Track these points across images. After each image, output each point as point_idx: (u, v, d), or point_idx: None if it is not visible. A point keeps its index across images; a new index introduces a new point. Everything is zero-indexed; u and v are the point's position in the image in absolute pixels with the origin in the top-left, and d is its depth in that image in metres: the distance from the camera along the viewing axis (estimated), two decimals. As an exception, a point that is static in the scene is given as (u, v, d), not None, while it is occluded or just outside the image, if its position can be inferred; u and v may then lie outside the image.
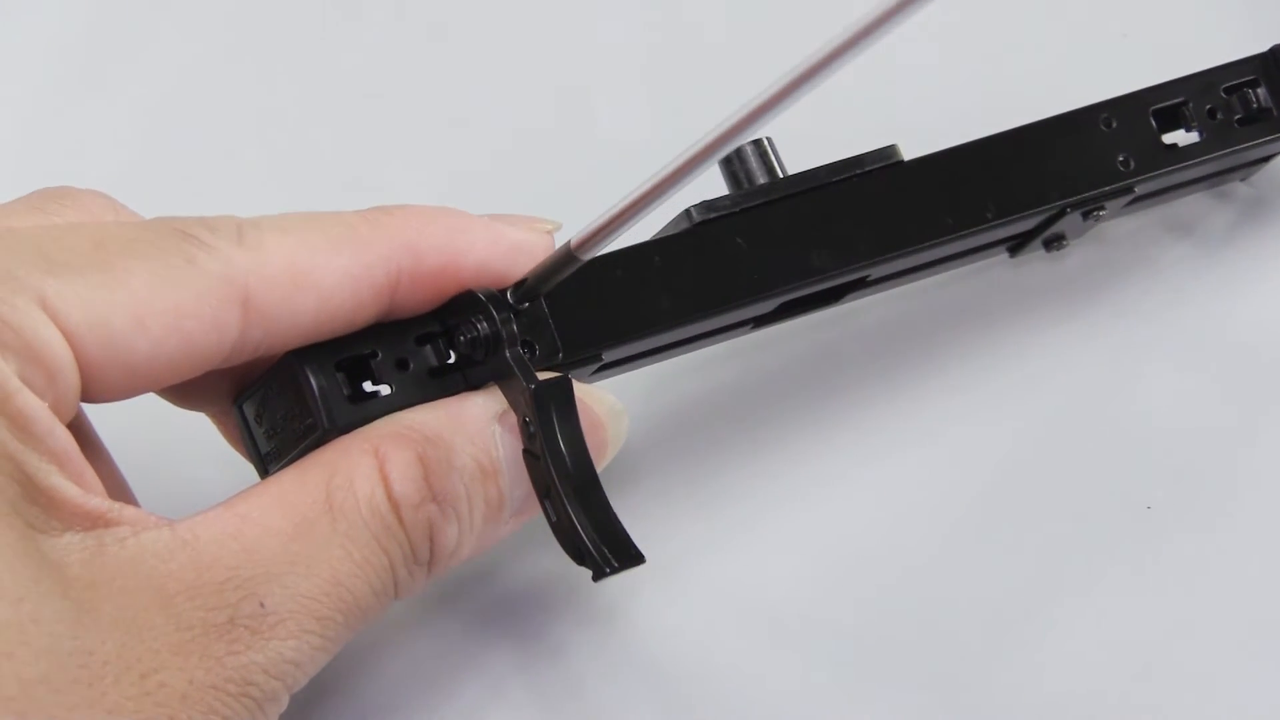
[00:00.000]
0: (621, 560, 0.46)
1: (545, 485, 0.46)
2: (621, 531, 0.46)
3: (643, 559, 0.46)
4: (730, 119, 0.41)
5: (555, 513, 0.46)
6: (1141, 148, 0.56)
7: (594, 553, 0.46)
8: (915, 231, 0.53)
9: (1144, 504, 0.55)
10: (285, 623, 0.44)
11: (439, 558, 0.47)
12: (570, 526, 0.46)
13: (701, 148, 0.42)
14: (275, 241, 0.46)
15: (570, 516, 0.46)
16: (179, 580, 0.43)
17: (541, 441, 0.46)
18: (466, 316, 0.48)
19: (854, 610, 0.54)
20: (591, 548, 0.46)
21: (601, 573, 0.46)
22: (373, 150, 0.63)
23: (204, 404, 0.50)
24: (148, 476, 0.50)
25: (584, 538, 0.46)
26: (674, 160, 0.42)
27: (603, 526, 0.46)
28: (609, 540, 0.46)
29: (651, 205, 0.43)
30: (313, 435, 0.47)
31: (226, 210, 0.47)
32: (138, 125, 0.64)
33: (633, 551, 0.46)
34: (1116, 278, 0.60)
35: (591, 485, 0.46)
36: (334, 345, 0.47)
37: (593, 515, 0.46)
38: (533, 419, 0.46)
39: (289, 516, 0.45)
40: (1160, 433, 0.57)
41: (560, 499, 0.46)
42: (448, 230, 0.48)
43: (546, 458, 0.46)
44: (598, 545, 0.46)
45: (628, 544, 0.46)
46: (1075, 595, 0.54)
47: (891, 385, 0.58)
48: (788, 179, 0.53)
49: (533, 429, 0.46)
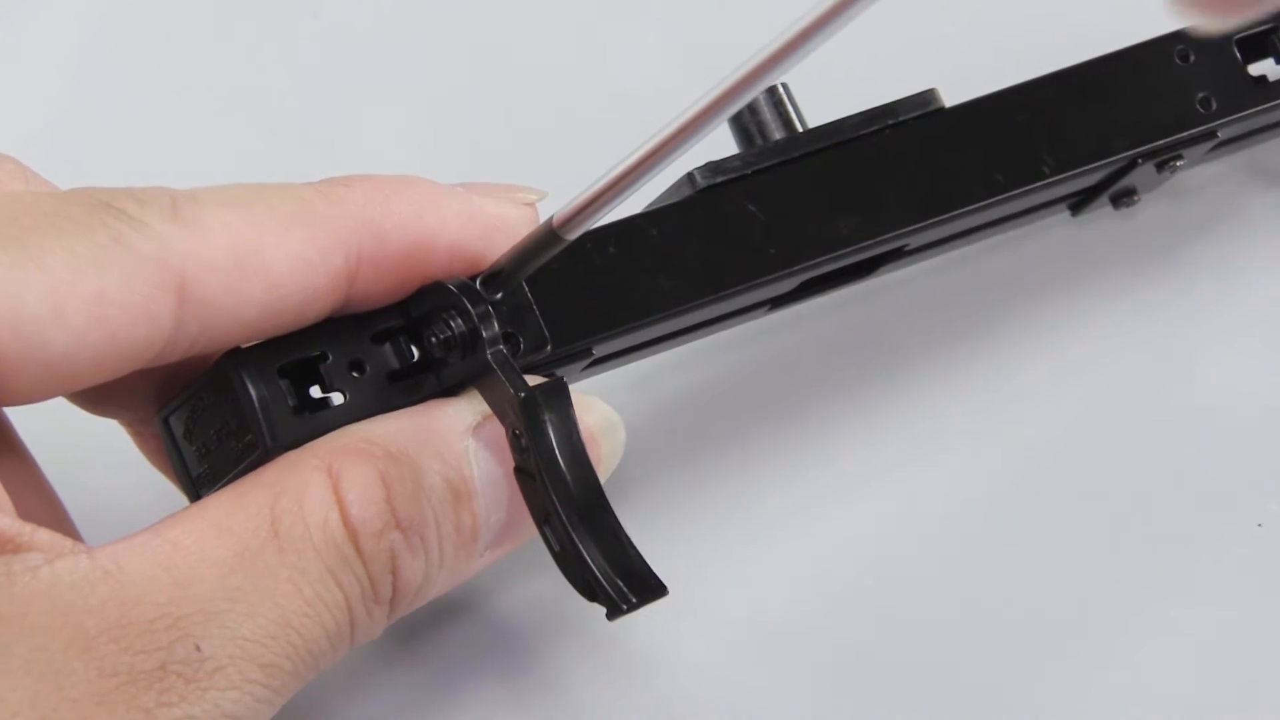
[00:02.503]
0: (640, 594, 0.44)
1: (544, 510, 0.45)
2: (638, 559, 0.44)
3: (665, 591, 0.44)
4: (742, 67, 0.38)
5: (558, 541, 0.45)
6: (1224, 84, 0.54)
7: (607, 587, 0.44)
8: (959, 192, 0.51)
9: (1218, 518, 0.54)
10: (225, 670, 0.42)
11: (402, 595, 0.45)
12: (577, 557, 0.44)
13: (707, 103, 0.40)
14: (216, 217, 0.44)
15: (576, 545, 0.44)
16: (101, 618, 0.41)
17: (536, 458, 0.44)
18: (437, 312, 0.46)
19: (883, 633, 0.53)
20: (604, 581, 0.44)
21: (618, 610, 0.44)
22: (337, 91, 0.62)
23: (120, 410, 0.49)
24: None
25: (594, 570, 0.44)
26: (674, 120, 0.40)
27: (615, 555, 0.44)
28: (624, 571, 0.44)
29: (648, 174, 0.41)
30: (252, 455, 0.45)
31: (161, 178, 0.46)
32: (55, 76, 0.63)
33: (653, 583, 0.44)
34: (1196, 236, 0.59)
35: (599, 507, 0.44)
36: (276, 346, 0.45)
37: (602, 542, 0.44)
38: (524, 432, 0.44)
39: (228, 544, 0.43)
40: (1245, 425, 0.56)
41: (563, 525, 0.44)
42: (415, 206, 0.46)
43: (544, 477, 0.44)
44: (611, 578, 0.44)
45: (646, 574, 0.44)
46: (1131, 615, 0.53)
47: (924, 372, 0.57)
48: (808, 133, 0.51)
49: (524, 443, 0.45)
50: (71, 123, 0.62)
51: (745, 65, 0.38)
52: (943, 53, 0.61)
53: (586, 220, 0.43)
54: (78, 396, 0.48)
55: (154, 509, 0.45)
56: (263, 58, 0.63)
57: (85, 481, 0.52)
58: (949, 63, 0.59)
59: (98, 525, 0.47)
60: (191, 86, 0.63)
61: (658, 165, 0.41)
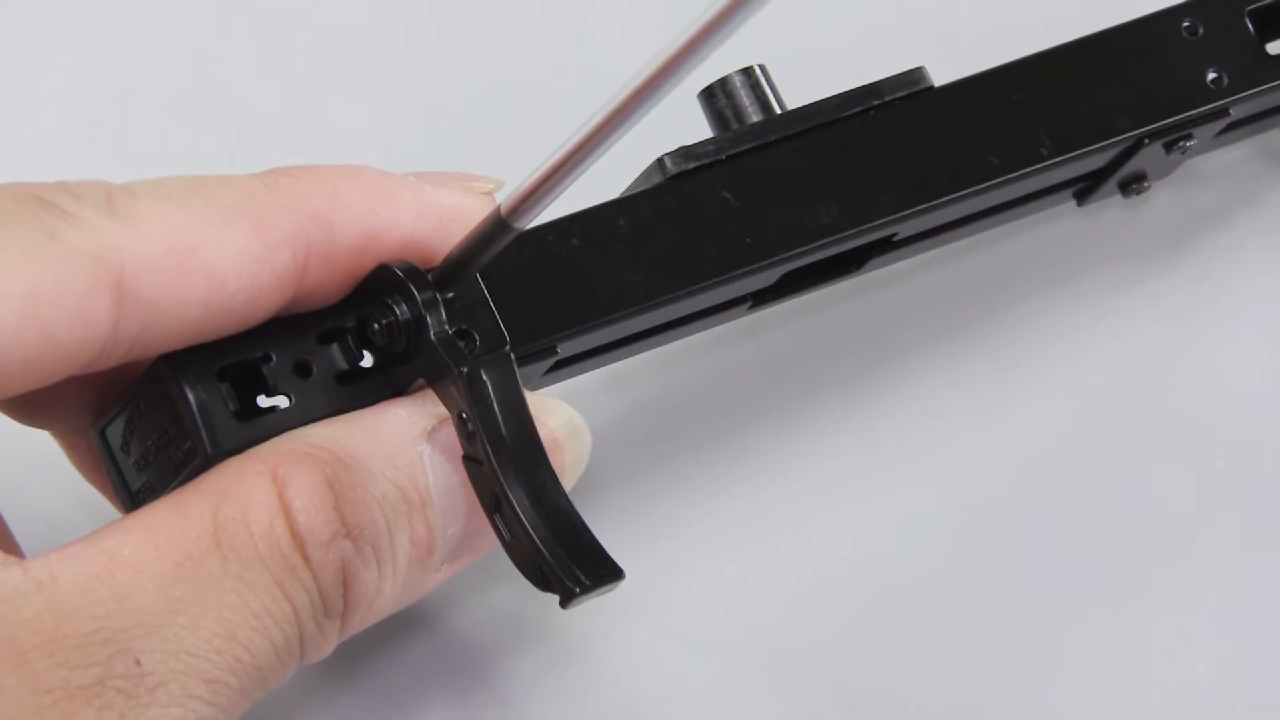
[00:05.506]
0: (594, 578, 0.42)
1: (493, 496, 0.44)
2: (592, 541, 0.43)
3: (621, 574, 0.43)
4: (695, 22, 0.36)
5: (508, 528, 0.43)
6: (1237, 58, 0.53)
7: (560, 572, 0.42)
8: (951, 176, 0.50)
9: (1224, 523, 0.54)
10: (167, 685, 0.41)
11: (354, 609, 0.44)
12: (528, 542, 0.43)
13: (656, 68, 0.37)
14: (153, 211, 0.43)
15: (526, 528, 0.43)
16: (35, 631, 0.41)
17: (483, 439, 0.43)
18: (380, 298, 0.45)
19: (866, 639, 0.53)
20: (557, 566, 0.42)
21: (571, 594, 0.42)
22: (290, 64, 0.62)
23: (53, 420, 0.48)
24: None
25: (545, 555, 0.43)
26: (621, 90, 0.38)
27: (567, 538, 0.43)
28: (578, 555, 0.43)
29: (596, 151, 0.40)
30: (193, 463, 0.44)
31: (101, 167, 0.46)
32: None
33: (609, 565, 0.43)
34: (1208, 226, 0.58)
35: (549, 488, 0.43)
36: (215, 349, 0.44)
37: (554, 524, 0.43)
38: (469, 411, 0.43)
39: (168, 555, 0.42)
40: (1257, 416, 0.56)
41: (512, 510, 0.43)
42: (367, 197, 0.45)
43: (488, 454, 0.43)
44: (564, 562, 0.42)
45: (601, 556, 0.43)
46: (1130, 620, 0.53)
47: (919, 368, 0.56)
48: (786, 115, 0.50)
49: (471, 426, 0.43)
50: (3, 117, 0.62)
51: (699, 20, 0.36)
52: (931, 24, 0.61)
53: (535, 207, 0.42)
54: (8, 405, 0.47)
55: (86, 521, 0.46)
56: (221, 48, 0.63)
57: (24, 494, 0.52)
58: (940, 35, 0.59)
59: (39, 541, 0.45)
60: (137, 70, 0.62)
61: (607, 141, 0.39)
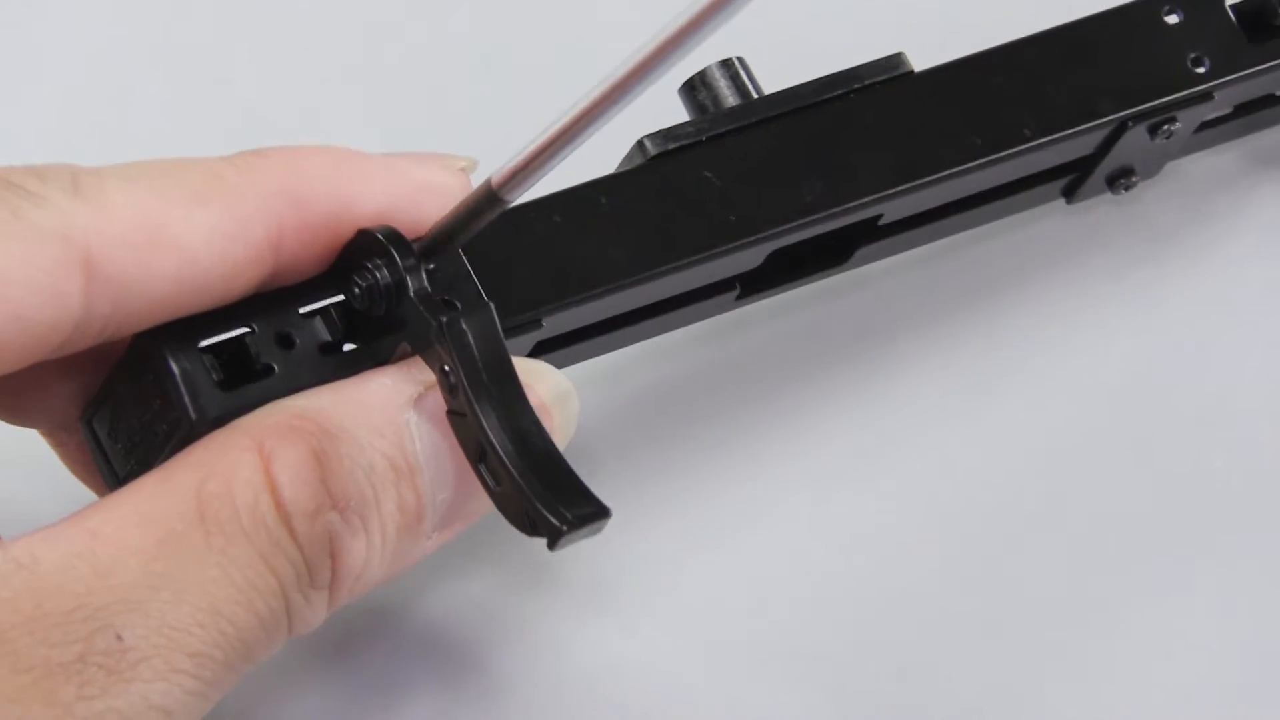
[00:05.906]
0: (581, 516, 0.42)
1: (477, 445, 0.43)
2: (577, 482, 0.43)
3: (607, 512, 0.42)
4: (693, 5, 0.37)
5: (494, 476, 0.43)
6: (1218, 43, 0.53)
7: (546, 513, 0.42)
8: (934, 157, 0.50)
9: (1224, 523, 0.54)
10: (150, 660, 0.41)
11: (342, 580, 0.44)
12: (514, 487, 0.42)
13: (656, 46, 0.38)
14: (119, 190, 0.43)
15: (512, 474, 0.42)
16: (15, 611, 0.40)
17: (465, 390, 0.43)
18: (361, 261, 0.45)
19: (860, 634, 0.53)
20: (543, 508, 0.42)
21: (558, 533, 0.42)
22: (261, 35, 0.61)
23: (39, 416, 0.48)
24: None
25: (532, 498, 0.42)
26: (618, 67, 0.39)
27: (552, 480, 0.42)
28: (563, 495, 0.42)
29: (592, 126, 0.40)
30: (179, 433, 0.44)
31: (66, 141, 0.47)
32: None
33: (594, 503, 0.42)
34: (1198, 223, 0.58)
35: (533, 434, 0.43)
36: (196, 322, 0.44)
37: (539, 468, 0.42)
38: (450, 363, 0.43)
39: (151, 531, 0.42)
40: (1250, 415, 0.56)
41: (496, 455, 0.42)
42: (335, 170, 0.46)
43: (471, 404, 0.43)
44: (551, 503, 0.42)
45: (585, 495, 0.42)
46: (1117, 624, 0.53)
47: (911, 363, 0.56)
48: (765, 99, 0.50)
49: (453, 379, 0.43)
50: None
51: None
52: (910, 9, 0.61)
53: (527, 180, 0.42)
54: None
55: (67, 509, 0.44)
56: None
57: (16, 496, 0.52)
58: (919, 21, 0.59)
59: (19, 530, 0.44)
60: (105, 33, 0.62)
61: (603, 116, 0.40)
